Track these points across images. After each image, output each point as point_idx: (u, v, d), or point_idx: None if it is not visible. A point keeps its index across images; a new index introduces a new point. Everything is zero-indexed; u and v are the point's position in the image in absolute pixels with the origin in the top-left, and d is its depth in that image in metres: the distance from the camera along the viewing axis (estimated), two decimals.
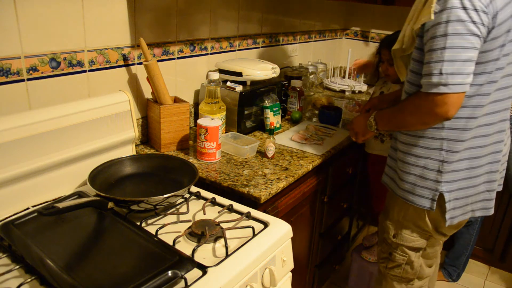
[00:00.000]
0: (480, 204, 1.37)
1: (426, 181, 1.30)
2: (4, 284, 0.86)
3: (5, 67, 1.15)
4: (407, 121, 1.25)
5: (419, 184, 1.31)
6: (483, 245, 2.48)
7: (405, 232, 1.42)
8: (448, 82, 1.09)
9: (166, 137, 1.53)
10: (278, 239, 1.09)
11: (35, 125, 1.11)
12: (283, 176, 1.40)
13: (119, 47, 1.45)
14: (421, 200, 1.32)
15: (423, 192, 1.31)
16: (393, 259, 1.47)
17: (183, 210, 1.17)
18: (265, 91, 1.82)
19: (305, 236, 1.74)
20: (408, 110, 1.23)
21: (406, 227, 1.41)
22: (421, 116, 1.19)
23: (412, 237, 1.41)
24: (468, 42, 1.08)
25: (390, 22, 2.91)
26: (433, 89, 1.12)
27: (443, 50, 1.09)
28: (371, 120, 1.40)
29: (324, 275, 2.07)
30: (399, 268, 1.48)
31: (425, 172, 1.30)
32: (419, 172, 1.31)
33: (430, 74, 1.12)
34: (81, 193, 1.17)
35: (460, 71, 1.09)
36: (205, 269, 0.92)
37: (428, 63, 1.13)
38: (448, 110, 1.12)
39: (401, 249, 1.44)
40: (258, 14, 2.14)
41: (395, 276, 1.51)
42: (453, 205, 1.31)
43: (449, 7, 1.07)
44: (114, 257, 0.94)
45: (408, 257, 1.45)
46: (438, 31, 1.10)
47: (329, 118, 1.97)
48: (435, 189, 1.29)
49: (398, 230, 1.43)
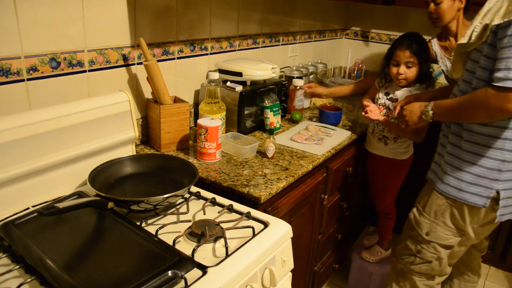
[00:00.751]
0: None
1: (483, 180, 1.31)
2: (4, 284, 0.86)
3: (5, 67, 1.15)
4: (473, 113, 1.25)
5: (474, 182, 1.32)
6: None
7: (440, 230, 1.43)
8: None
9: (166, 137, 1.54)
10: (278, 239, 1.09)
11: (35, 125, 1.11)
12: (283, 176, 1.40)
13: (119, 47, 1.45)
14: (474, 198, 1.33)
15: (478, 190, 1.32)
16: (422, 256, 1.48)
17: (183, 210, 1.17)
18: (265, 91, 1.82)
19: (305, 236, 1.74)
20: (476, 103, 1.22)
21: (442, 225, 1.42)
22: (490, 110, 1.19)
23: (446, 235, 1.43)
24: None
25: (390, 22, 2.91)
26: (508, 84, 1.12)
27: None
28: (428, 110, 1.40)
29: (324, 275, 2.07)
30: (427, 265, 1.49)
31: (484, 171, 1.30)
32: (476, 171, 1.31)
33: (508, 68, 1.12)
34: (81, 193, 1.17)
35: None
36: (205, 269, 0.92)
37: (506, 58, 1.13)
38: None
39: (433, 246, 1.45)
40: (258, 14, 2.14)
41: (418, 273, 1.52)
42: (505, 203, 1.33)
43: None
44: (114, 257, 0.94)
45: (439, 254, 1.46)
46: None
47: (329, 118, 1.97)
48: (492, 187, 1.30)
49: (433, 228, 1.44)
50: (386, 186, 2.05)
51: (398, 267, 1.58)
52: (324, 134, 1.83)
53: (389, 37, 2.93)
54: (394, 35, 2.89)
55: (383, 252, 2.18)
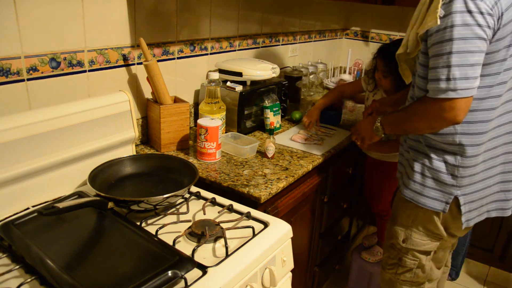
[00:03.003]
0: (495, 205, 1.36)
1: (440, 184, 1.28)
2: (4, 284, 0.86)
3: (5, 67, 1.15)
4: (415, 126, 1.25)
5: (431, 186, 1.30)
6: (483, 245, 2.48)
7: (415, 236, 1.39)
8: (457, 87, 1.08)
9: (166, 137, 1.53)
10: (278, 239, 1.09)
11: (35, 125, 1.11)
12: (283, 176, 1.40)
13: (119, 47, 1.45)
14: (433, 202, 1.31)
15: (436, 195, 1.30)
16: (403, 264, 1.45)
17: (183, 210, 1.17)
18: (265, 91, 1.82)
19: (305, 236, 1.74)
20: (416, 115, 1.22)
21: (416, 231, 1.39)
22: (430, 121, 1.18)
23: (422, 241, 1.39)
24: (475, 46, 1.07)
25: (390, 22, 2.91)
26: (441, 95, 1.11)
27: (449, 55, 1.08)
28: (377, 125, 1.39)
29: (324, 275, 2.07)
30: (410, 273, 1.46)
31: (439, 175, 1.27)
32: (434, 176, 1.28)
33: (438, 79, 1.11)
34: (81, 193, 1.17)
35: (468, 76, 1.08)
36: (205, 269, 0.92)
37: (435, 68, 1.12)
38: (457, 115, 1.12)
39: (412, 253, 1.42)
40: (258, 14, 2.14)
41: (405, 281, 1.48)
42: (468, 208, 1.30)
43: (454, 11, 1.06)
44: (114, 257, 0.94)
45: (419, 261, 1.42)
46: (444, 36, 1.09)
47: (329, 118, 1.97)
48: (450, 193, 1.28)
49: (407, 235, 1.41)
50: (381, 188, 2.05)
51: (387, 277, 1.55)
52: (324, 134, 1.83)
53: (389, 37, 2.93)
54: (394, 35, 2.89)
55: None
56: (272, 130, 1.56)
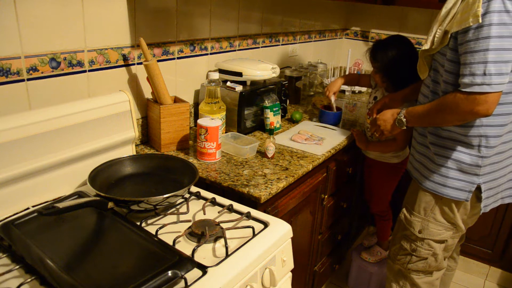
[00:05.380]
0: (508, 192, 1.47)
1: (465, 175, 1.36)
2: (4, 284, 0.86)
3: (5, 67, 1.15)
4: (446, 118, 1.30)
5: (457, 178, 1.37)
6: (483, 245, 2.48)
7: (432, 227, 1.46)
8: (492, 82, 1.15)
9: (166, 137, 1.53)
10: (278, 239, 1.09)
11: (35, 125, 1.11)
12: (283, 176, 1.40)
13: (119, 47, 1.45)
14: (457, 192, 1.38)
15: (459, 185, 1.37)
16: (417, 254, 1.52)
17: (183, 210, 1.17)
18: (265, 91, 1.82)
19: (305, 236, 1.74)
20: (448, 107, 1.26)
21: (433, 221, 1.46)
22: (461, 114, 1.24)
23: (438, 231, 1.46)
24: (510, 44, 1.14)
25: (390, 22, 2.91)
26: (476, 89, 1.17)
27: (486, 51, 1.15)
28: (401, 117, 1.43)
29: (324, 275, 2.07)
30: (424, 262, 1.53)
31: (463, 167, 1.35)
32: (458, 167, 1.36)
33: (473, 74, 1.17)
34: (81, 193, 1.17)
35: (502, 72, 1.15)
36: (205, 269, 0.92)
37: (470, 63, 1.18)
38: (489, 108, 1.19)
39: (427, 242, 1.49)
40: (258, 14, 2.14)
41: (416, 271, 1.55)
42: (487, 195, 1.38)
43: (492, 11, 1.13)
44: (114, 257, 0.94)
45: (433, 250, 1.49)
46: (481, 34, 1.15)
47: (329, 118, 1.97)
48: (472, 182, 1.35)
49: (424, 225, 1.48)
50: (379, 189, 2.05)
51: (396, 268, 1.60)
52: (324, 134, 1.83)
53: None
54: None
55: (383, 252, 2.18)
56: (272, 130, 1.56)
